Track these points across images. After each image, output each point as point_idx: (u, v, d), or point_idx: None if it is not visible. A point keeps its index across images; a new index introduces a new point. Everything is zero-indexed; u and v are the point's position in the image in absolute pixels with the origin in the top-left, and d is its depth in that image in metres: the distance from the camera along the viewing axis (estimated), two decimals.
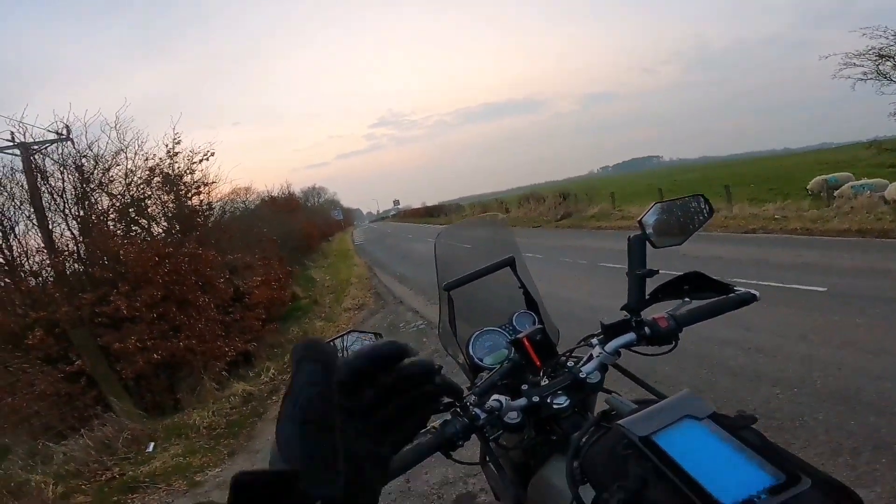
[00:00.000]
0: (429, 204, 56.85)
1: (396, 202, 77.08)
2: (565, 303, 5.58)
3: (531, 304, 1.26)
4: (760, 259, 6.75)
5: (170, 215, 8.60)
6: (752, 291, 1.00)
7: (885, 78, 13.13)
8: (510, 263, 1.27)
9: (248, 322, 7.61)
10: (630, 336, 0.97)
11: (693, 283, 1.05)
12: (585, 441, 0.78)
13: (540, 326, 1.02)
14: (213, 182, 9.24)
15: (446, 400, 0.91)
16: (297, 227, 18.89)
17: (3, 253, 6.23)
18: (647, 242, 0.99)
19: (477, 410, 0.88)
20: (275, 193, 23.93)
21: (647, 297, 1.00)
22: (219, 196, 10.43)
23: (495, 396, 0.89)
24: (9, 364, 4.86)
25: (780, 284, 5.20)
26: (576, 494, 0.71)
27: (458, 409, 0.89)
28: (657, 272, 0.97)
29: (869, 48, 13.23)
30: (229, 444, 4.45)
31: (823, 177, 14.66)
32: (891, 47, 12.82)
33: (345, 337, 1.00)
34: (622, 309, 1.02)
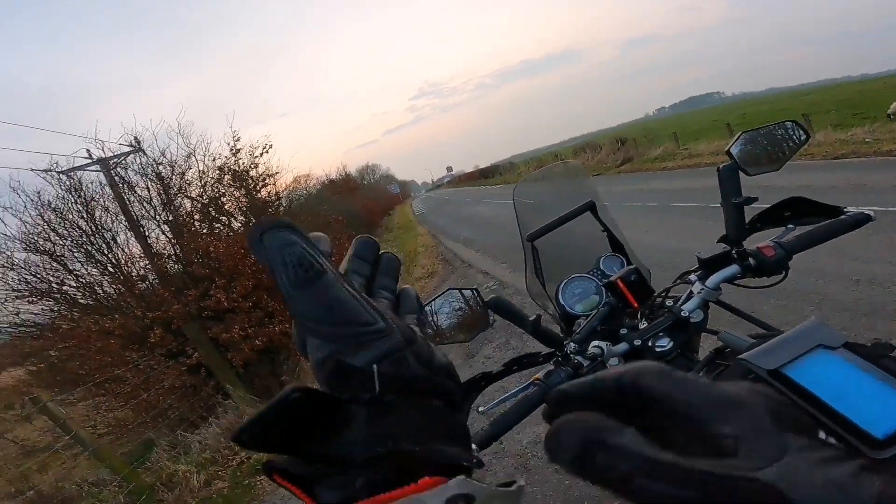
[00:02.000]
0: (481, 166, 56.02)
1: (449, 169, 76.50)
2: (641, 248, 5.38)
3: (617, 246, 1.23)
4: (857, 184, 6.17)
5: (244, 209, 9.05)
6: (867, 211, 0.93)
7: None
8: (590, 208, 1.23)
9: None
10: (733, 268, 0.92)
11: (795, 209, 0.98)
12: None
13: (633, 267, 0.99)
14: (276, 173, 9.56)
15: (546, 351, 0.95)
16: (358, 205, 19.47)
17: (111, 262, 6.92)
18: (739, 172, 0.93)
19: (579, 358, 0.87)
20: (333, 176, 24.82)
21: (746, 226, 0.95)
22: (284, 186, 10.85)
23: (595, 343, 0.88)
24: (138, 363, 5.45)
25: (885, 208, 4.76)
26: None
27: (560, 359, 0.89)
28: (756, 199, 0.92)
29: None
30: None
31: None
32: None
33: (445, 294, 1.01)
34: (719, 241, 0.97)
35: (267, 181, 9.30)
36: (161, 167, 7.71)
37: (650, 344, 0.89)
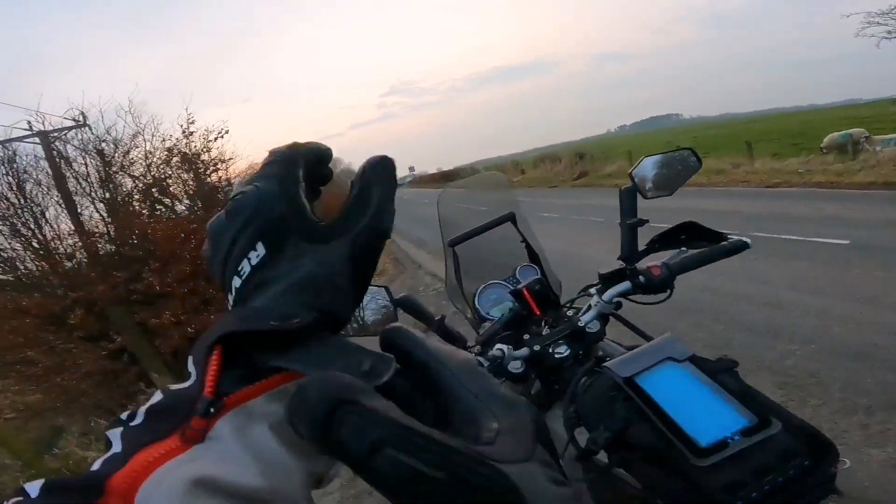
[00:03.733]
0: (444, 169, 56.19)
1: (412, 169, 76.33)
2: (583, 261, 5.53)
3: (534, 257, 1.29)
4: (781, 213, 6.63)
5: (191, 193, 8.79)
6: (745, 239, 1.01)
7: None
8: (511, 219, 1.30)
9: None
10: (625, 285, 0.99)
11: (689, 233, 1.07)
12: (581, 386, 0.81)
13: (538, 277, 1.06)
14: (230, 159, 9.33)
15: None
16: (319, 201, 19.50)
17: (37, 238, 6.50)
18: (637, 194, 1.01)
19: (480, 359, 0.89)
20: None
21: (643, 246, 1.02)
22: (237, 172, 10.60)
23: (498, 346, 0.91)
24: (54, 345, 5.14)
25: (800, 238, 5.14)
26: (571, 436, 0.74)
27: None
28: (647, 221, 0.99)
29: (892, 7, 12.69)
30: None
31: (837, 133, 14.12)
32: None
33: (373, 291, 1.06)
34: (619, 259, 1.03)
35: (219, 166, 9.03)
36: (104, 144, 7.35)
37: (550, 350, 0.93)
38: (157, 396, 0.25)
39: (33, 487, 0.21)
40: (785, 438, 0.49)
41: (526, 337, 0.97)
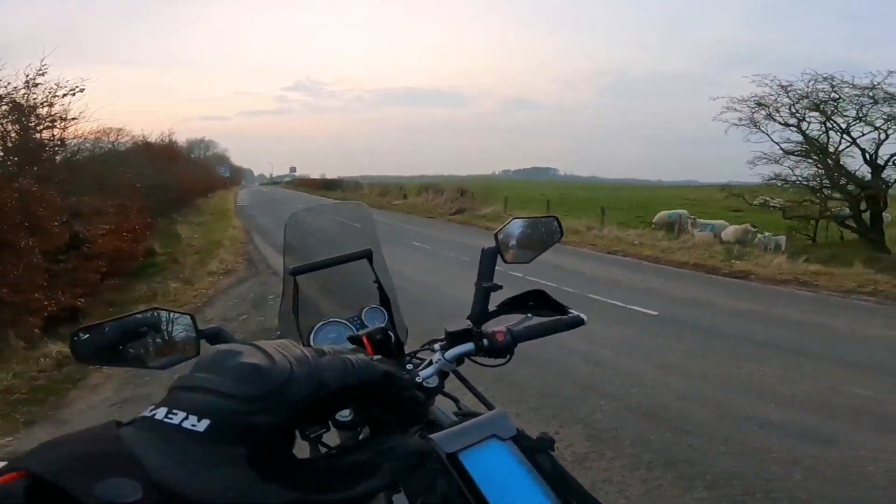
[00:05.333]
0: (329, 176, 55.01)
1: (293, 169, 73.08)
2: (446, 298, 5.69)
3: (384, 300, 1.20)
4: (615, 279, 7.48)
5: (9, 146, 7.66)
6: (582, 316, 1.07)
7: (755, 126, 14.70)
8: (367, 255, 1.20)
9: (84, 274, 6.61)
10: (469, 346, 0.98)
11: (536, 300, 1.10)
12: None
13: (382, 326, 0.97)
14: (73, 118, 8.43)
15: None
16: (173, 178, 17.27)
17: None
18: (498, 256, 1.02)
19: None
20: (152, 139, 21.97)
21: (493, 308, 1.04)
22: (78, 133, 9.33)
23: None
24: None
25: (624, 304, 5.81)
26: (389, 501, 0.72)
27: None
28: (500, 287, 1.01)
29: (752, 95, 14.65)
30: (29, 412, 3.80)
31: (666, 212, 16.60)
32: (770, 97, 14.26)
33: (146, 314, 0.82)
34: (467, 318, 1.04)
35: (56, 123, 8.16)
36: None
37: None
38: None
39: None
40: None
41: None
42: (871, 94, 12.99)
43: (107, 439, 0.27)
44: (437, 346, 1.01)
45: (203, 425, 0.28)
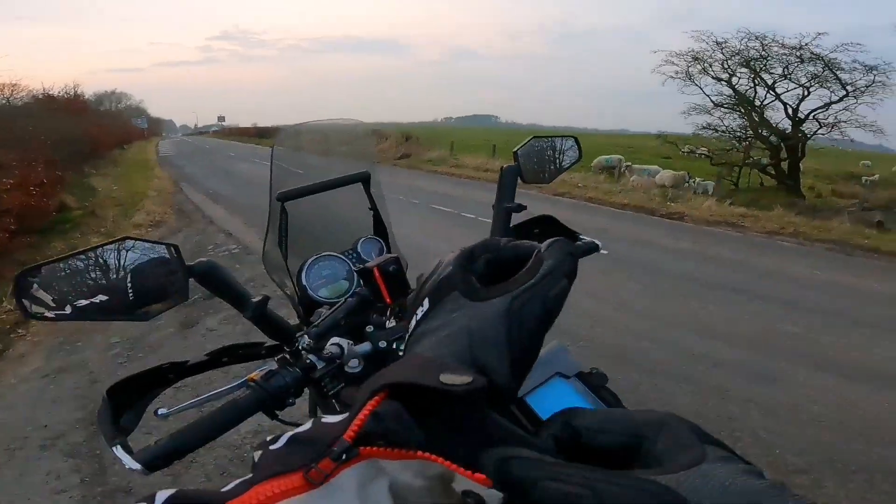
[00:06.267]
0: (261, 125, 51.96)
1: (222, 118, 67.70)
2: (401, 242, 5.50)
3: (380, 230, 1.09)
4: (564, 219, 7.62)
5: None
6: (596, 242, 1.00)
7: (690, 79, 15.75)
8: (364, 179, 1.07)
9: None
10: None
11: (543, 227, 1.02)
12: None
13: (394, 255, 0.85)
14: None
15: (270, 343, 0.75)
16: (81, 131, 15.84)
17: None
18: (518, 176, 0.92)
19: (312, 357, 0.71)
20: (54, 92, 20.37)
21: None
22: None
23: (335, 340, 0.73)
24: None
25: None
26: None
27: (288, 356, 0.72)
28: (525, 208, 0.91)
29: (689, 49, 15.55)
30: None
31: (604, 157, 17.44)
32: (706, 52, 15.30)
33: (118, 244, 0.58)
34: None
35: None
36: None
37: (394, 347, 0.78)
38: (307, 425, 0.26)
39: (162, 495, 0.23)
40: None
41: (369, 329, 0.80)
42: (798, 53, 13.99)
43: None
44: None
45: None
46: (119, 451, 0.55)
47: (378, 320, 0.82)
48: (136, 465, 0.54)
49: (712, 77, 15.57)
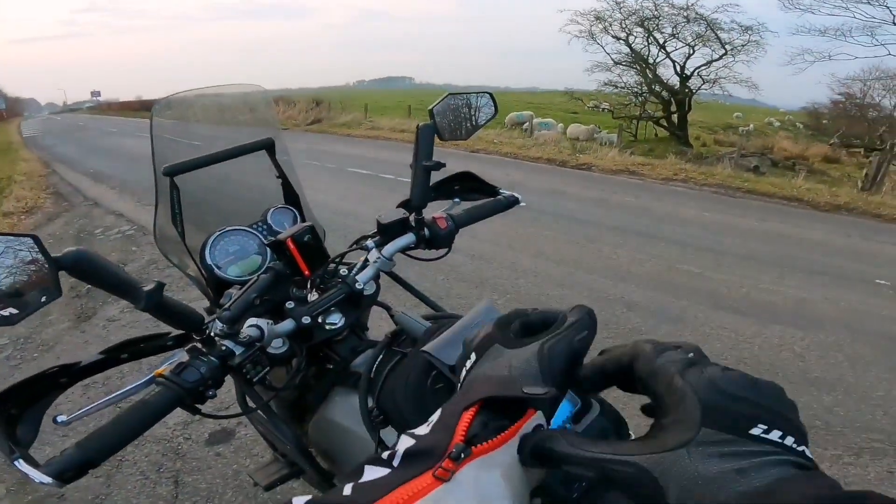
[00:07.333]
0: (146, 98, 46.54)
1: (96, 93, 59.01)
2: (314, 206, 5.29)
3: (291, 199, 1.03)
4: (482, 173, 7.74)
5: None
6: (517, 195, 1.03)
7: (593, 38, 16.68)
8: (268, 146, 0.99)
9: None
10: (409, 237, 0.87)
11: (463, 184, 1.02)
12: (377, 373, 0.69)
13: (308, 224, 0.79)
14: None
15: (176, 332, 0.70)
16: None
17: None
18: (435, 134, 0.89)
19: (228, 343, 0.64)
20: None
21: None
22: None
23: (252, 321, 0.67)
24: None
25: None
26: (379, 439, 0.64)
27: (200, 345, 0.65)
28: (444, 165, 0.89)
29: (592, 9, 16.38)
30: None
31: (515, 114, 18.11)
32: (607, 12, 16.16)
33: None
34: (399, 206, 0.91)
35: None
36: None
37: (320, 321, 0.75)
38: (409, 441, 0.31)
39: (299, 500, 0.28)
40: (602, 420, 0.47)
41: (290, 305, 0.75)
42: (685, 14, 15.26)
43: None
44: (369, 242, 0.87)
45: None
46: (22, 465, 0.49)
47: (298, 294, 0.78)
48: (47, 479, 0.49)
49: (612, 36, 16.75)
